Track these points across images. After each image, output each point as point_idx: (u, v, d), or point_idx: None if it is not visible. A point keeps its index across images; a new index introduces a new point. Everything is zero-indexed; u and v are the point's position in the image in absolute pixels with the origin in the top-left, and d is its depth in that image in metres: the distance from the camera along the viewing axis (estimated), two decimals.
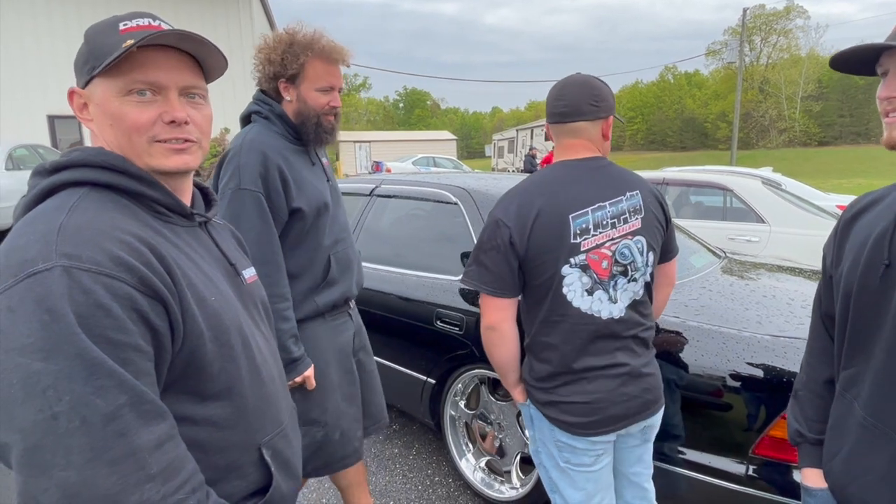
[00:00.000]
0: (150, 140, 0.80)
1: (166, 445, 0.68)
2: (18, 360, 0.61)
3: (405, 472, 2.66)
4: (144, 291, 0.69)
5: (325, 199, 1.66)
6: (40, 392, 0.61)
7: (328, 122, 1.62)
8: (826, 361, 1.12)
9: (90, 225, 0.70)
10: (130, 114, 0.78)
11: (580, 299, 1.39)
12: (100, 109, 0.79)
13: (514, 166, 28.66)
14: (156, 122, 0.79)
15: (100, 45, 0.78)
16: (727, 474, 1.71)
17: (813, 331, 1.18)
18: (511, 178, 2.94)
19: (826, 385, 1.12)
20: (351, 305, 1.82)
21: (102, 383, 0.63)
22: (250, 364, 0.84)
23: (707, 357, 1.78)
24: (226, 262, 0.90)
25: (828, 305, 1.11)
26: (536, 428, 1.54)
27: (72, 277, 0.64)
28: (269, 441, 0.88)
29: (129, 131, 0.78)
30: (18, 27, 14.82)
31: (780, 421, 1.63)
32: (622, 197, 1.43)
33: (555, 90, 1.47)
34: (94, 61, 0.77)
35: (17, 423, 0.61)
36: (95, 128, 0.81)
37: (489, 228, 1.42)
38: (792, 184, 7.02)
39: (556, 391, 1.44)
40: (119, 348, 0.65)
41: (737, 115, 25.08)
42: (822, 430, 1.09)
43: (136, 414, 0.65)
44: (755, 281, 2.43)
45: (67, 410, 0.61)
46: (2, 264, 0.66)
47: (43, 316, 0.62)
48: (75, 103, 0.81)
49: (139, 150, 0.80)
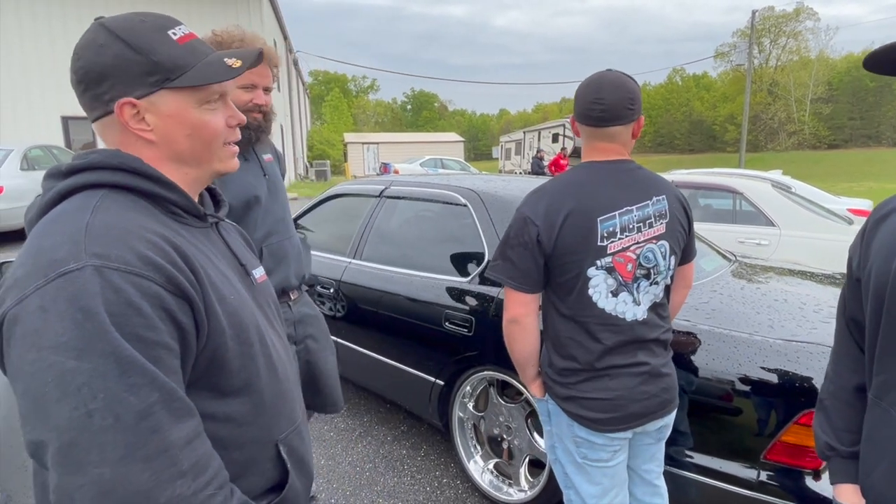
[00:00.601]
0: (222, 144, 0.84)
1: (195, 442, 0.69)
2: (53, 359, 0.62)
3: (413, 473, 2.67)
4: (172, 290, 0.69)
5: (254, 192, 1.71)
6: (75, 390, 0.61)
7: (253, 119, 1.65)
8: (854, 368, 1.06)
9: (116, 225, 0.70)
10: (211, 122, 0.81)
11: (605, 300, 1.41)
12: (173, 121, 0.78)
13: (521, 168, 28.64)
14: (224, 127, 0.84)
15: (165, 57, 0.76)
16: (738, 479, 1.71)
17: (838, 336, 1.12)
18: (519, 180, 2.94)
19: (855, 393, 1.05)
20: (292, 297, 1.84)
21: (135, 381, 0.64)
22: (267, 361, 0.86)
23: (718, 361, 1.77)
24: (237, 262, 0.91)
25: (853, 309, 1.06)
26: (554, 423, 1.55)
27: (103, 276, 0.64)
28: (286, 438, 0.89)
29: (211, 139, 0.82)
30: (33, 29, 15.02)
31: (792, 426, 1.62)
32: (649, 201, 1.45)
33: (590, 91, 1.42)
34: (167, 72, 0.76)
35: (53, 421, 0.62)
36: (159, 138, 0.79)
37: (517, 224, 1.43)
38: (802, 187, 6.97)
39: (577, 387, 1.45)
40: (150, 346, 0.66)
41: (745, 118, 24.94)
42: (855, 441, 1.03)
43: (167, 411, 0.66)
44: (766, 284, 2.42)
45: (101, 408, 0.62)
46: (30, 265, 0.66)
47: (76, 315, 0.62)
48: (127, 113, 0.77)
49: (214, 155, 0.84)
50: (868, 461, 0.97)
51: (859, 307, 1.03)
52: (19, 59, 15.03)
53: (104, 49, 0.75)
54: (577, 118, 1.48)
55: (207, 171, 0.85)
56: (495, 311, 2.24)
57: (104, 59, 0.75)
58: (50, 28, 15.01)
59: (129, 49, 0.75)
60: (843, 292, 1.10)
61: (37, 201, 0.78)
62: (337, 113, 62.00)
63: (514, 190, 2.61)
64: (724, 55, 53.55)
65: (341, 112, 63.40)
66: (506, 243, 1.45)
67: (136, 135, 0.78)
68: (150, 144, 0.79)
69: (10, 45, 15.05)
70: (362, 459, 2.78)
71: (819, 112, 49.70)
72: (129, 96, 0.76)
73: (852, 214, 5.63)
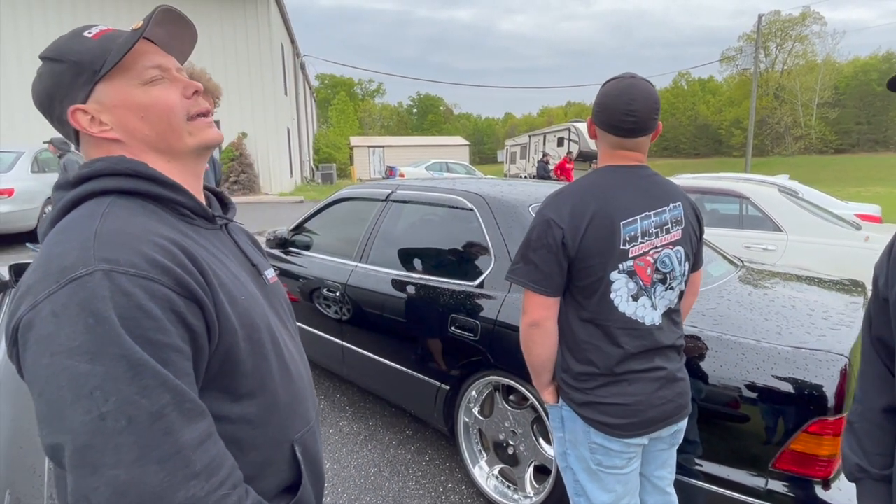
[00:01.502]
0: (186, 118, 0.82)
1: (207, 443, 0.69)
2: (66, 363, 0.62)
3: (418, 478, 2.66)
4: (180, 293, 0.70)
5: None
6: (88, 393, 0.62)
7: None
8: (882, 388, 1.04)
9: (124, 229, 0.71)
10: (161, 97, 0.80)
11: (626, 304, 1.41)
12: (123, 109, 0.79)
13: (526, 172, 28.62)
14: (181, 100, 0.82)
15: (84, 54, 0.78)
16: (746, 488, 1.69)
17: (865, 356, 1.09)
18: (525, 184, 2.94)
19: (885, 414, 1.03)
20: None
21: (147, 383, 0.64)
22: (280, 361, 0.86)
23: (726, 368, 1.76)
24: (248, 262, 0.92)
25: (879, 328, 1.04)
26: (567, 429, 1.53)
27: (112, 281, 0.65)
28: (300, 438, 0.89)
29: (167, 114, 0.81)
30: (45, 32, 15.19)
31: (801, 435, 1.61)
32: (666, 207, 1.47)
33: (622, 103, 1.38)
34: (90, 67, 0.78)
35: (68, 425, 0.62)
36: (120, 133, 0.79)
37: (539, 227, 1.42)
38: (809, 191, 6.93)
39: (595, 392, 1.44)
40: (160, 349, 0.66)
41: (752, 122, 24.84)
42: (887, 464, 1.00)
43: (179, 412, 0.66)
44: (774, 290, 2.40)
45: (115, 410, 0.62)
46: (42, 272, 0.67)
47: (87, 319, 0.63)
48: (82, 121, 0.78)
49: (181, 130, 0.82)
50: None
51: (887, 326, 1.01)
52: (31, 61, 15.18)
53: (41, 76, 0.80)
54: (603, 126, 1.45)
55: (186, 151, 0.83)
56: (501, 316, 2.23)
57: (44, 84, 0.80)
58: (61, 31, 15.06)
59: (55, 63, 0.79)
60: (869, 310, 1.07)
61: (49, 213, 0.79)
62: (343, 117, 62.22)
63: (519, 194, 2.61)
64: (729, 59, 53.45)
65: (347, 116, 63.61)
66: (527, 246, 1.43)
67: (99, 138, 0.80)
68: (117, 143, 0.80)
69: (21, 48, 15.23)
70: (367, 464, 2.78)
71: (826, 116, 49.47)
72: (75, 103, 0.78)
73: (860, 220, 5.59)
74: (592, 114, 1.48)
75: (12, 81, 14.98)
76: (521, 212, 2.45)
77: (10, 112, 14.85)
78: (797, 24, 52.05)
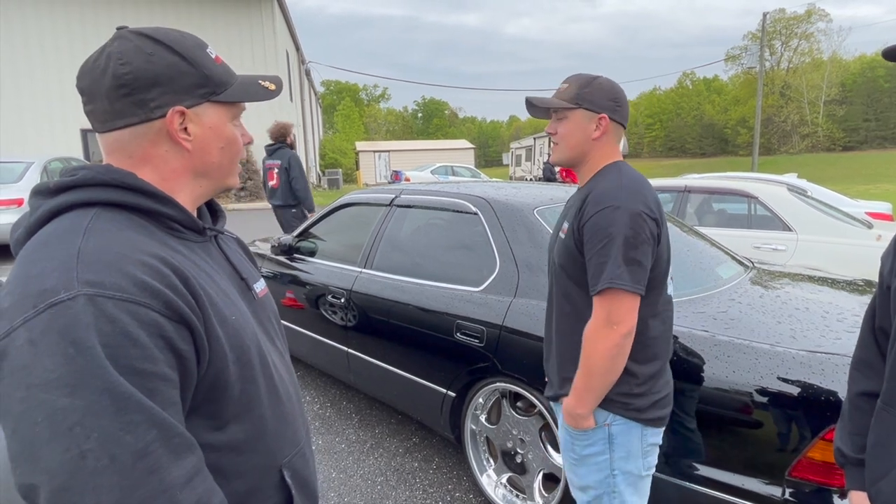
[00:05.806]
0: (239, 160, 0.89)
1: (195, 480, 0.65)
2: (42, 397, 0.58)
3: (425, 486, 2.62)
4: (170, 317, 0.66)
5: None
6: (67, 430, 0.57)
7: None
8: (867, 373, 1.09)
9: (110, 248, 0.66)
10: (238, 138, 0.85)
11: (669, 286, 1.43)
12: (213, 133, 0.80)
13: (531, 174, 28.56)
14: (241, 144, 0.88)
15: (213, 72, 0.80)
16: (761, 497, 1.64)
17: (860, 341, 1.13)
18: (530, 187, 2.90)
19: (863, 397, 1.08)
20: None
21: (131, 418, 0.60)
22: (268, 383, 0.82)
23: (739, 373, 1.71)
24: (237, 276, 0.88)
25: (882, 318, 1.05)
26: (618, 446, 1.39)
27: (96, 306, 0.61)
28: (289, 461, 0.85)
29: (237, 153, 0.86)
30: (54, 43, 15.33)
31: (818, 442, 1.56)
32: None
33: (622, 94, 1.44)
34: (213, 86, 0.79)
35: (44, 464, 0.58)
36: (193, 147, 0.79)
37: (633, 222, 1.28)
38: (818, 190, 6.85)
39: (654, 389, 1.40)
40: (146, 378, 0.62)
41: (758, 121, 24.70)
42: (863, 445, 1.05)
43: (166, 449, 0.62)
44: (786, 292, 2.35)
45: (96, 448, 0.58)
46: (18, 295, 0.62)
47: (67, 349, 0.59)
48: (176, 123, 0.77)
49: (235, 168, 0.87)
50: (876, 468, 0.98)
51: (888, 316, 1.02)
52: (41, 73, 15.35)
53: (154, 57, 0.75)
54: (622, 121, 1.45)
55: (221, 184, 0.86)
56: (507, 321, 2.19)
57: (156, 67, 0.75)
58: (70, 43, 15.36)
59: (183, 61, 0.77)
60: (873, 300, 1.09)
61: (23, 219, 0.73)
62: (349, 122, 62.47)
63: (524, 197, 2.57)
64: (734, 58, 53.18)
65: (353, 121, 63.87)
66: (628, 245, 1.27)
67: (175, 142, 0.78)
68: (183, 154, 0.79)
69: (31, 59, 15.39)
70: (374, 472, 2.74)
71: (833, 114, 49.12)
72: (180, 105, 0.76)
73: (871, 218, 5.51)
74: (609, 109, 1.40)
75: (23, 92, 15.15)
76: (526, 215, 2.42)
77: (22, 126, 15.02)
78: (802, 21, 51.75)
